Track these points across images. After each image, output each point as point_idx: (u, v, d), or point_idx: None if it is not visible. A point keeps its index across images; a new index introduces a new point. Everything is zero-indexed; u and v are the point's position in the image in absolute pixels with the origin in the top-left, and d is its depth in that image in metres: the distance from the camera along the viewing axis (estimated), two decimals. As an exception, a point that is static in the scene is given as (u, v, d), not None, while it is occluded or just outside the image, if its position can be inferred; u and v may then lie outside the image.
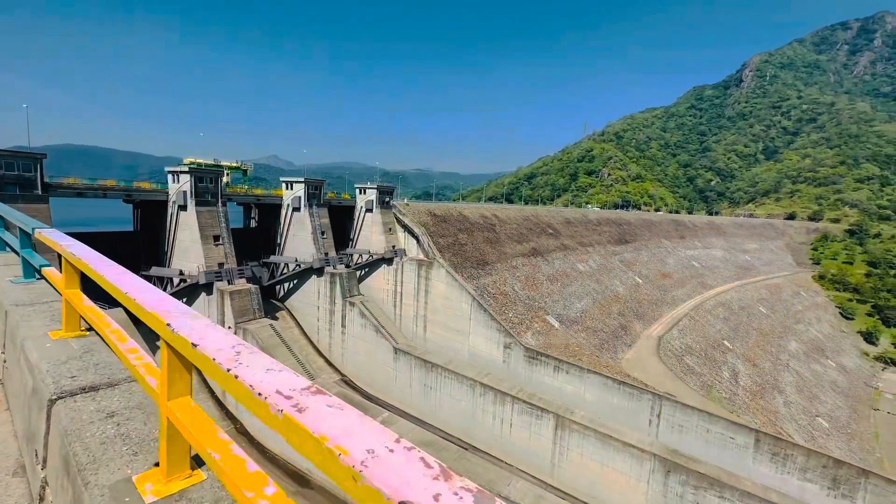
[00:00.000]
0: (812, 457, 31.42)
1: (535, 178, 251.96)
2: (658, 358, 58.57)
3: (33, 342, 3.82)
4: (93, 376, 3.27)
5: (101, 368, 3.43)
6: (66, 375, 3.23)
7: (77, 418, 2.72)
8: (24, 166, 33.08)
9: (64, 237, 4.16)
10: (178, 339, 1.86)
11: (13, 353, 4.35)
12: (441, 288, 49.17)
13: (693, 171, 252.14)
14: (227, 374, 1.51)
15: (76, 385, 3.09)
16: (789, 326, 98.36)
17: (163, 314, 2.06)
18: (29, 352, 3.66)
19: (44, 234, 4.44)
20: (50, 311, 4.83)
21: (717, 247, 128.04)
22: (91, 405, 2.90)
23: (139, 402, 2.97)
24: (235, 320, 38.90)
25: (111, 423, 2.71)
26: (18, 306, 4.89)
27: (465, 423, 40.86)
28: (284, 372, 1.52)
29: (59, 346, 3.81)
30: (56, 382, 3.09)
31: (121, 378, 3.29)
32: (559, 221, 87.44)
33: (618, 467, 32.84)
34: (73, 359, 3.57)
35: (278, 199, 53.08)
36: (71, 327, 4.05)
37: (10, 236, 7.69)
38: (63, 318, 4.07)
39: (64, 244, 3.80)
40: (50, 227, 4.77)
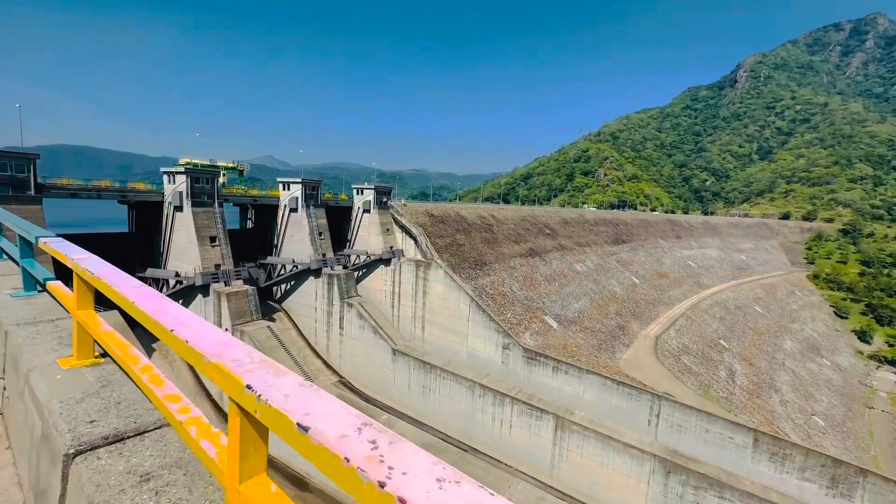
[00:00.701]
0: (811, 456, 31.52)
1: (532, 178, 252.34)
2: (656, 358, 58.71)
3: (40, 374, 3.32)
4: (116, 420, 2.76)
5: (125, 409, 2.91)
6: (84, 419, 2.72)
7: (104, 485, 2.20)
8: (17, 167, 32.61)
9: (75, 249, 3.72)
10: (269, 413, 1.31)
11: (15, 383, 3.80)
12: (439, 289, 49.01)
13: (688, 171, 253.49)
14: (379, 492, 0.96)
15: (97, 434, 2.58)
16: (784, 326, 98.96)
17: (233, 366, 1.56)
18: (36, 386, 3.16)
19: (50, 245, 3.95)
20: (56, 331, 4.29)
21: (712, 246, 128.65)
22: (119, 464, 2.40)
23: (177, 458, 2.47)
24: (232, 322, 38.55)
25: (148, 491, 2.18)
26: (20, 326, 4.34)
27: (464, 425, 40.71)
28: (464, 483, 1.03)
29: (72, 377, 3.30)
30: (72, 430, 2.58)
31: (150, 421, 2.79)
32: (556, 222, 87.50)
33: (618, 468, 32.81)
34: (90, 395, 3.05)
35: (275, 199, 52.73)
36: (83, 354, 3.53)
37: (9, 243, 7.05)
38: (74, 342, 3.52)
39: (76, 258, 3.34)
40: (55, 236, 4.30)
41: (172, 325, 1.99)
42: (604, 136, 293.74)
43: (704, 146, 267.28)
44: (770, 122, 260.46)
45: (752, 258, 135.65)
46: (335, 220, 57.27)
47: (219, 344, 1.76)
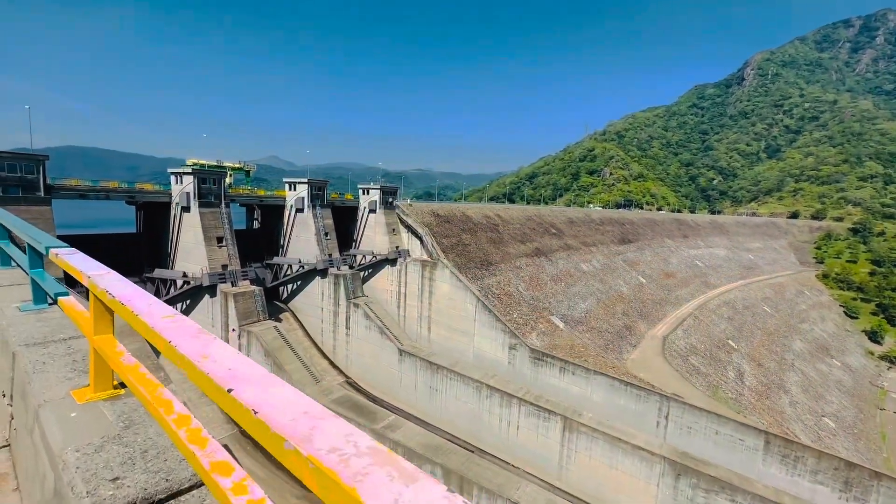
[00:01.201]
0: (823, 459, 31.05)
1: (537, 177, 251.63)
2: (663, 358, 58.21)
3: (53, 411, 2.86)
4: (143, 476, 2.28)
5: (154, 460, 2.45)
6: (106, 476, 2.24)
7: None
8: (27, 168, 32.84)
9: (91, 263, 3.25)
10: None
11: (24, 416, 3.32)
12: (445, 289, 48.84)
13: (695, 169, 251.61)
14: None
15: (122, 498, 2.10)
16: (794, 326, 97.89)
17: (335, 463, 1.03)
18: (48, 427, 2.70)
19: (63, 258, 3.47)
20: (69, 353, 3.84)
21: (720, 246, 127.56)
22: None
23: None
24: (239, 323, 38.63)
25: None
26: (29, 347, 3.88)
27: (471, 426, 40.54)
28: None
29: (89, 415, 2.85)
30: (92, 493, 2.10)
31: (183, 477, 2.30)
32: (562, 221, 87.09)
33: (627, 470, 32.50)
34: (111, 441, 2.58)
35: (281, 199, 52.81)
36: (101, 384, 3.10)
37: (17, 251, 6.47)
38: (91, 373, 3.08)
39: (92, 275, 2.88)
40: (67, 246, 3.91)
41: (228, 380, 1.46)
42: (609, 135, 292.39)
43: (711, 145, 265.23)
44: (778, 119, 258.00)
45: (761, 258, 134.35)
46: (341, 220, 57.29)
47: (304, 417, 1.22)
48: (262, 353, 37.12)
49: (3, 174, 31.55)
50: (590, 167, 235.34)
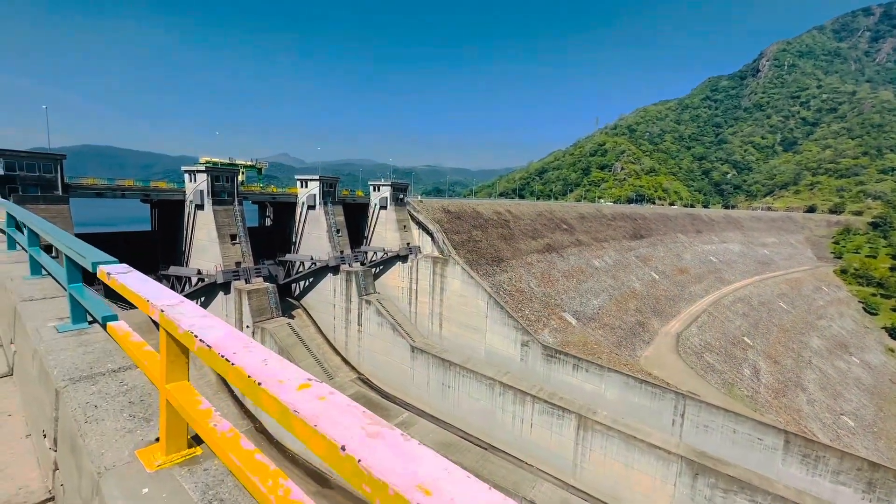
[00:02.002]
0: (846, 459, 30.36)
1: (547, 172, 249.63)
2: (677, 355, 57.52)
3: (118, 484, 2.21)
4: None
5: None
6: None
7: None
8: (45, 167, 33.33)
9: (155, 287, 2.70)
10: None
11: (77, 481, 2.62)
12: (456, 285, 48.67)
13: (708, 163, 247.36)
14: None
15: None
16: (811, 322, 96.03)
17: None
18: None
19: (118, 279, 2.90)
20: (124, 392, 3.17)
21: (734, 241, 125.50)
22: None
23: None
24: (253, 319, 38.92)
25: None
26: (76, 383, 3.24)
27: (484, 423, 40.41)
28: None
29: (165, 490, 2.19)
30: None
31: None
32: (573, 217, 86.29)
33: (643, 469, 32.13)
34: None
35: (293, 197, 53.00)
36: (174, 444, 2.42)
37: (48, 258, 5.86)
38: (162, 430, 2.41)
39: (164, 305, 2.29)
40: (116, 261, 3.39)
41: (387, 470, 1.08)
42: (620, 129, 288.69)
43: (725, 138, 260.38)
44: (794, 112, 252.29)
45: (776, 253, 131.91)
46: (352, 216, 57.37)
47: None
48: (275, 350, 37.34)
49: (22, 174, 32.05)
50: (600, 162, 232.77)
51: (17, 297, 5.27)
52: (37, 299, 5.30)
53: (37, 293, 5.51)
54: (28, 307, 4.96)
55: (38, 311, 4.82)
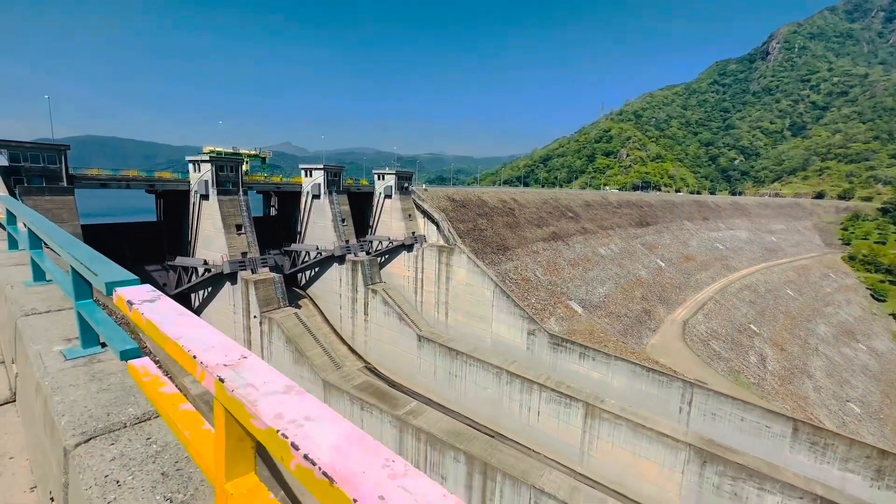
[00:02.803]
0: (854, 447, 30.30)
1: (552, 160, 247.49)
2: (684, 343, 57.44)
3: None
4: None
5: None
6: None
7: None
8: (49, 158, 33.15)
9: (205, 332, 1.96)
10: None
11: None
12: (462, 274, 48.53)
13: (715, 149, 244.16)
14: None
15: None
16: (818, 309, 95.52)
17: None
18: None
19: (145, 313, 2.17)
20: (153, 458, 2.48)
21: (741, 228, 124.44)
22: None
23: None
24: (261, 310, 39.01)
25: None
26: (90, 441, 2.58)
27: (491, 412, 40.62)
28: None
29: None
30: None
31: None
32: (578, 204, 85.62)
33: (651, 457, 32.23)
34: None
35: (298, 186, 52.71)
36: None
37: (55, 267, 5.09)
38: None
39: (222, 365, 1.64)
40: (138, 281, 2.67)
41: None
42: (626, 115, 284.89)
43: (733, 123, 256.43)
44: (804, 95, 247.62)
45: (784, 240, 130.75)
46: (357, 205, 57.10)
47: None
48: (283, 340, 37.54)
49: (26, 165, 31.90)
50: (605, 148, 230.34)
51: (18, 309, 4.62)
52: (40, 313, 4.61)
53: (40, 304, 4.85)
54: (30, 324, 4.25)
55: (41, 330, 4.12)
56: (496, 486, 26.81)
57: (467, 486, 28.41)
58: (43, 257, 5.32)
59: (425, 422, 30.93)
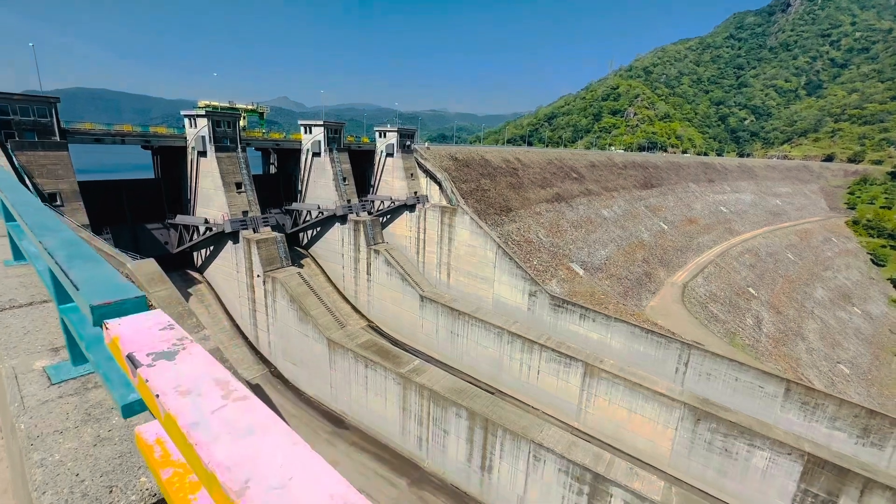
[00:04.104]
0: (844, 406, 31.28)
1: (556, 118, 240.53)
2: (682, 305, 58.09)
3: None
4: None
5: None
6: None
7: None
8: (39, 111, 31.96)
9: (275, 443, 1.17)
10: None
11: None
12: (465, 235, 48.29)
13: (726, 108, 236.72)
14: None
15: None
16: (817, 273, 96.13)
17: None
18: None
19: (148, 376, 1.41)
20: None
21: (746, 191, 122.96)
22: None
23: None
24: (264, 269, 39.04)
25: None
26: None
27: (492, 370, 41.70)
28: None
29: None
30: None
31: None
32: (583, 165, 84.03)
33: (646, 414, 33.35)
34: None
35: (297, 143, 51.34)
36: None
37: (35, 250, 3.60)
38: None
39: None
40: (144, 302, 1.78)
41: None
42: (636, 72, 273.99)
43: (746, 81, 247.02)
44: (823, 52, 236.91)
45: (789, 203, 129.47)
46: (358, 164, 55.92)
47: None
48: (287, 300, 37.83)
49: (16, 118, 30.80)
50: (613, 107, 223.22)
51: None
52: (20, 306, 3.44)
53: (21, 293, 3.67)
54: (5, 323, 3.16)
55: (19, 334, 3.07)
56: (497, 440, 27.88)
57: (468, 440, 29.57)
58: (22, 233, 3.93)
59: (428, 379, 31.72)
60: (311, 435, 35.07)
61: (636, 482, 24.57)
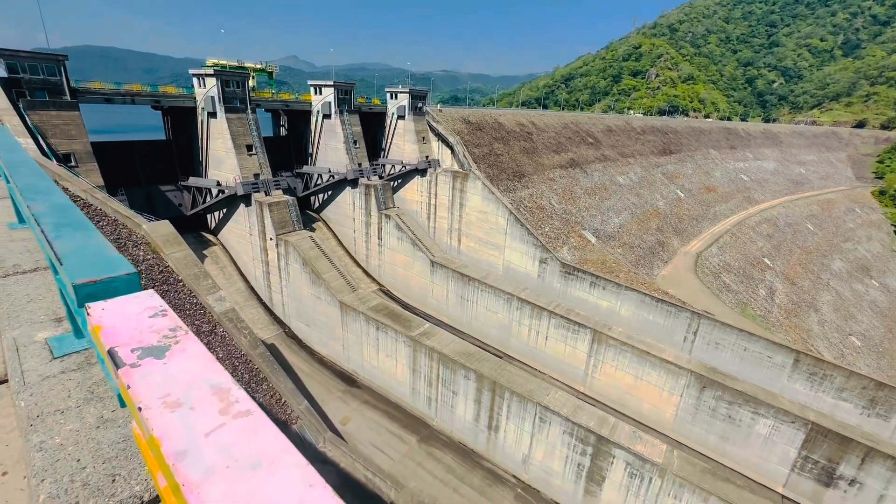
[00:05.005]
0: (852, 378, 31.30)
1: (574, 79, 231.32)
2: (694, 275, 57.59)
3: None
4: None
5: None
6: None
7: None
8: (48, 69, 31.60)
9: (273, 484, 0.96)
10: None
11: None
12: (477, 201, 47.82)
13: (754, 70, 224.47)
14: None
15: None
16: (836, 245, 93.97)
17: None
18: None
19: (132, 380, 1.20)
20: None
21: (769, 158, 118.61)
22: None
23: None
24: (276, 232, 39.37)
25: None
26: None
27: (501, 335, 42.35)
28: None
29: None
30: None
31: None
32: (600, 130, 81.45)
33: (651, 381, 33.84)
34: None
35: (308, 104, 50.35)
36: None
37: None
38: None
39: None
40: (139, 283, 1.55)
41: None
42: (660, 29, 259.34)
43: (778, 40, 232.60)
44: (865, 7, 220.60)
45: (813, 171, 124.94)
46: (369, 126, 54.91)
47: None
48: (300, 263, 38.34)
49: (26, 76, 30.54)
50: (634, 67, 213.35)
51: None
52: (25, 272, 3.28)
53: (25, 259, 3.51)
54: (9, 291, 2.97)
55: (22, 303, 2.87)
56: (504, 402, 28.70)
57: (476, 400, 30.50)
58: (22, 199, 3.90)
59: (437, 342, 32.40)
60: (325, 393, 36.48)
61: (639, 445, 25.28)
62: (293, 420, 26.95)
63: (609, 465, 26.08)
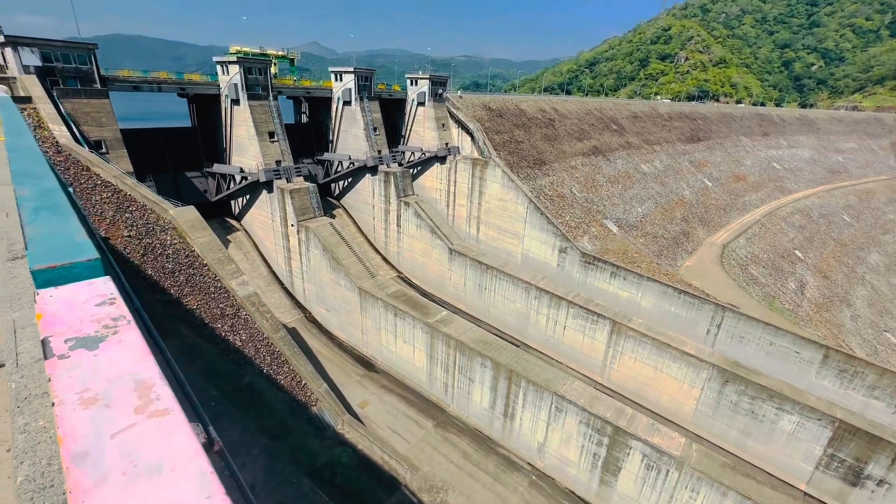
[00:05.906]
0: (886, 376, 30.07)
1: (599, 64, 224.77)
2: (720, 266, 55.99)
3: None
4: None
5: None
6: None
7: None
8: (79, 58, 32.51)
9: None
10: None
11: None
12: (496, 189, 47.39)
13: (791, 52, 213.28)
14: None
15: None
16: (874, 237, 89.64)
17: None
18: None
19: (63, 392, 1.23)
20: None
21: (805, 146, 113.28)
22: None
23: None
24: (297, 219, 39.98)
25: None
26: None
27: (518, 324, 42.27)
28: None
29: None
30: None
31: None
32: (625, 116, 79.16)
33: (672, 373, 33.30)
34: None
35: (328, 91, 50.50)
36: None
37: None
38: None
39: None
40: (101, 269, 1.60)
41: None
42: (691, 10, 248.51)
43: (819, 20, 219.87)
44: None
45: (852, 160, 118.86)
46: (388, 113, 54.78)
47: None
48: (320, 249, 38.92)
49: (59, 65, 31.51)
50: (662, 51, 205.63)
51: (6, 245, 3.19)
52: None
53: None
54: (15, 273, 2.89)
55: (26, 285, 2.77)
56: (520, 390, 28.75)
57: (492, 388, 30.65)
58: None
59: (455, 330, 32.56)
60: (344, 377, 37.27)
61: (656, 437, 25.01)
62: (313, 402, 27.68)
63: (625, 456, 25.93)
